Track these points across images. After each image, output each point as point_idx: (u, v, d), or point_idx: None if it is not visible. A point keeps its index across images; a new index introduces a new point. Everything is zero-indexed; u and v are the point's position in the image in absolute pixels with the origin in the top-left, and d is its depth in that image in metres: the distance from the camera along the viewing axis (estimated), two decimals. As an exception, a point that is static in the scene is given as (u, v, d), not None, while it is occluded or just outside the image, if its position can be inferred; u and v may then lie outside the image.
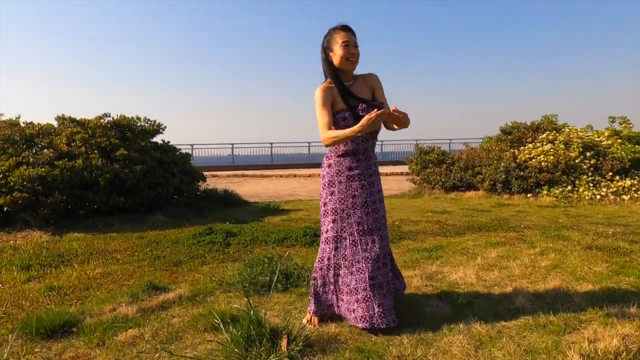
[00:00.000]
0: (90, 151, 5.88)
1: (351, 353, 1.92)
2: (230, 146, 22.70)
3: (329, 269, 2.24)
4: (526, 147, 7.64)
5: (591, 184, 6.80)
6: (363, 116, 2.00)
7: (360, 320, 2.09)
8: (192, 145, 22.18)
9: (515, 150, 7.71)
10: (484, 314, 2.30)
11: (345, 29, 2.13)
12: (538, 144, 7.52)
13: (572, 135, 7.44)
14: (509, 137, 8.03)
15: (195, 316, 2.41)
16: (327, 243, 2.24)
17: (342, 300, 2.21)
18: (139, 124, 6.91)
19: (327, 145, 2.13)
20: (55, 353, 2.02)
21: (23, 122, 6.35)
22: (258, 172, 18.95)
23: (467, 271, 3.09)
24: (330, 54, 2.15)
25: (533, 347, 1.91)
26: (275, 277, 2.57)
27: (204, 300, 2.71)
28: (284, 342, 1.90)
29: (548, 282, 2.81)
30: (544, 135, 7.62)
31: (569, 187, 6.86)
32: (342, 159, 2.20)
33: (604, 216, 5.50)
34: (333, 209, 2.21)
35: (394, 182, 11.33)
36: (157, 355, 1.95)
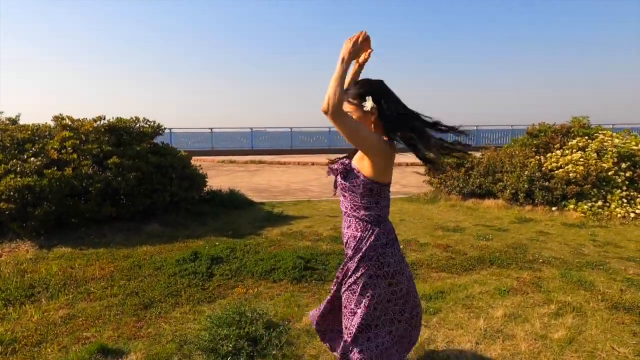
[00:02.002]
0: (83, 158, 5.62)
1: None
2: (250, 130, 22.46)
3: None
4: (554, 153, 6.95)
5: (625, 200, 6.12)
6: None
7: None
8: (211, 129, 22.07)
9: (542, 157, 7.03)
10: None
11: None
12: (567, 151, 6.82)
13: (606, 143, 6.69)
14: (535, 141, 7.33)
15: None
16: None
17: None
18: (137, 126, 6.62)
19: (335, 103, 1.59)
20: None
21: (12, 123, 6.15)
22: (276, 158, 18.63)
23: (465, 340, 2.66)
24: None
25: None
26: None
27: (156, 373, 2.39)
28: None
29: (559, 368, 2.35)
30: (574, 142, 6.90)
31: (599, 203, 6.20)
32: (384, 221, 1.89)
33: (637, 245, 4.88)
34: (389, 265, 1.89)
35: (414, 177, 10.69)
36: None
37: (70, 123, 6.21)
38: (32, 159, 5.36)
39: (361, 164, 1.79)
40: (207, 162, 18.88)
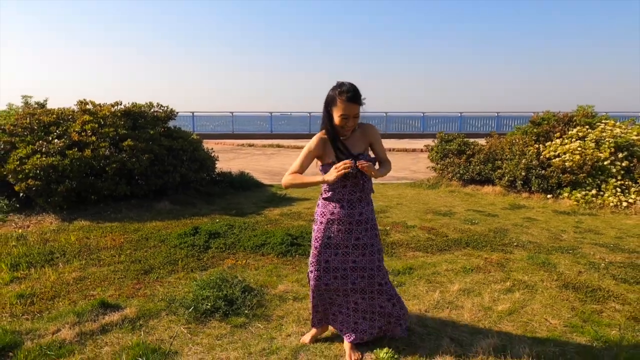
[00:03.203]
0: (101, 140, 6.14)
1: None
2: (269, 114, 22.86)
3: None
4: (554, 142, 7.04)
5: (619, 189, 6.20)
6: (352, 172, 2.14)
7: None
8: (232, 112, 22.59)
9: (541, 145, 7.13)
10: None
11: (350, 100, 2.11)
12: (566, 140, 6.90)
13: (605, 133, 6.73)
14: (536, 129, 7.42)
15: (124, 347, 2.54)
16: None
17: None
18: (151, 111, 7.10)
19: (284, 186, 2.29)
20: (-19, 382, 2.23)
21: (38, 107, 6.72)
22: (293, 142, 18.99)
23: (416, 308, 3.00)
24: (330, 114, 2.19)
25: None
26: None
27: (145, 324, 2.84)
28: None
29: (485, 332, 2.66)
30: (574, 131, 6.95)
31: (593, 191, 6.30)
32: (326, 202, 2.34)
33: (618, 232, 5.03)
34: (315, 239, 2.38)
35: (425, 162, 10.86)
36: None
37: (91, 107, 6.76)
38: (56, 140, 5.91)
39: None
40: (227, 145, 19.46)
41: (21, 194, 5.68)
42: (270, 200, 6.98)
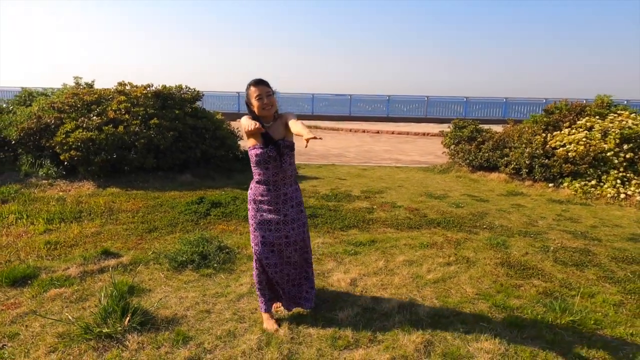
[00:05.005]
0: (133, 118, 7.01)
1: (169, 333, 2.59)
2: (311, 95, 23.38)
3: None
4: (562, 132, 7.03)
5: (619, 181, 6.17)
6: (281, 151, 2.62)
7: None
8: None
9: (549, 134, 7.15)
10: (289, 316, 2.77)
11: (257, 83, 2.61)
12: (574, 131, 6.88)
13: (612, 124, 6.63)
14: (547, 119, 7.40)
15: (112, 283, 3.26)
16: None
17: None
18: (180, 93, 7.89)
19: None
20: (5, 297, 3.03)
21: (86, 87, 7.69)
22: (330, 124, 19.41)
23: (356, 272, 3.48)
24: (251, 106, 2.65)
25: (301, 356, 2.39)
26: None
27: (134, 269, 3.56)
28: (126, 318, 2.63)
29: (404, 294, 3.10)
30: (583, 121, 6.89)
31: (593, 182, 6.31)
32: (257, 185, 2.73)
33: (596, 222, 5.14)
34: (250, 218, 2.78)
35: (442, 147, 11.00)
36: (32, 317, 2.80)
37: (128, 88, 7.65)
38: (95, 117, 6.85)
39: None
40: (267, 125, 20.30)
41: (65, 163, 6.68)
42: (281, 177, 7.57)
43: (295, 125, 2.55)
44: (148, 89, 7.54)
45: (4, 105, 8.61)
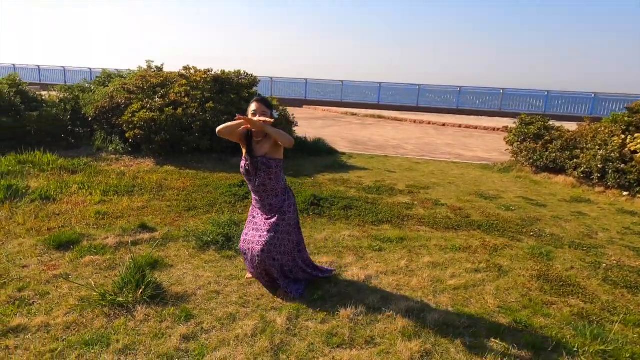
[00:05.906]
0: (192, 101, 7.35)
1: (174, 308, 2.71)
2: (378, 84, 22.95)
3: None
4: (645, 134, 6.21)
5: None
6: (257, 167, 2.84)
7: None
8: (342, 81, 23.25)
9: (629, 136, 6.35)
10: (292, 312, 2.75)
11: (258, 101, 2.83)
12: (660, 134, 6.04)
13: None
14: (629, 118, 6.56)
15: (139, 255, 3.47)
16: None
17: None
18: (238, 78, 8.12)
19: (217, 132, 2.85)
20: (49, 259, 3.35)
21: (158, 70, 8.18)
22: (393, 114, 18.93)
23: (375, 270, 3.38)
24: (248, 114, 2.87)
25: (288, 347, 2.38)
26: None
27: (164, 244, 3.76)
28: (140, 290, 2.79)
29: (417, 298, 2.95)
30: (672, 123, 6.02)
31: (677, 194, 5.51)
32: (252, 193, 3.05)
33: (673, 241, 4.49)
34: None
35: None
36: (66, 283, 3.06)
37: (192, 72, 8.02)
38: (158, 99, 7.28)
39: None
40: (332, 112, 20.31)
41: (130, 140, 7.21)
42: (330, 166, 7.55)
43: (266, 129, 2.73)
44: (208, 73, 7.85)
45: (87, 85, 9.46)
